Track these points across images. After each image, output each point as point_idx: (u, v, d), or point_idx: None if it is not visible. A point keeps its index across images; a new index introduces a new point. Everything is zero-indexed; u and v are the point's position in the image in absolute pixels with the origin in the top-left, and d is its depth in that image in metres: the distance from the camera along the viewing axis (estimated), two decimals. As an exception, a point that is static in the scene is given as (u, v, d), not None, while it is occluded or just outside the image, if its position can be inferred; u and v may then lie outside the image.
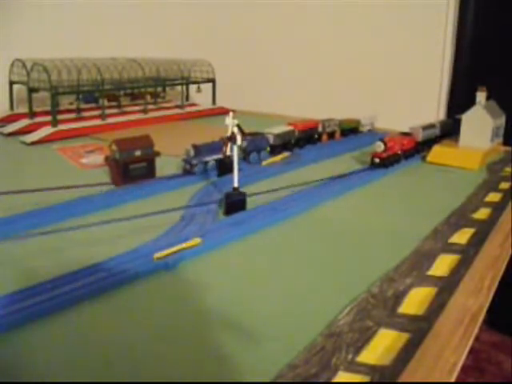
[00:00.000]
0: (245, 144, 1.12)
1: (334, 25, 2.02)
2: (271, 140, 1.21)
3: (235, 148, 0.80)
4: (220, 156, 1.02)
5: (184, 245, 0.67)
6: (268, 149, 1.20)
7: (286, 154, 1.22)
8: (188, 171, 1.03)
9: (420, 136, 1.25)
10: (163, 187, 0.95)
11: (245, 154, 1.14)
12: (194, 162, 1.02)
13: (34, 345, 0.47)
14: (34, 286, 0.56)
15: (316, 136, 1.37)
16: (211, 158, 1.04)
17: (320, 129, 1.38)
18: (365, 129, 1.56)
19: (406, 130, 1.28)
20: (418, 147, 1.26)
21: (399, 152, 1.17)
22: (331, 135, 1.43)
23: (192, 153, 1.03)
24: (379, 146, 1.11)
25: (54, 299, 0.54)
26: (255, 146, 1.16)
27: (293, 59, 2.15)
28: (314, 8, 2.04)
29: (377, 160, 1.11)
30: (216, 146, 1.04)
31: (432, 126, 1.32)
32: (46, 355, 0.46)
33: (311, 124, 1.35)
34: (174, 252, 0.65)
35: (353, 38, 1.99)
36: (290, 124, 1.31)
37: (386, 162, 1.12)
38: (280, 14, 2.15)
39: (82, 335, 0.49)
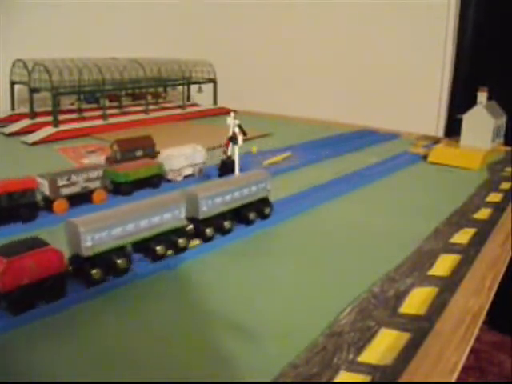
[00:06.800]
0: None
1: (336, 26, 2.02)
2: None
3: (236, 148, 0.81)
4: None
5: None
6: None
7: (287, 153, 1.21)
8: None
9: (85, 249, 0.56)
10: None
11: None
12: None
13: (34, 345, 0.47)
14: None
15: (36, 205, 0.77)
16: None
17: (47, 191, 0.78)
18: (177, 176, 0.96)
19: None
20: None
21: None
22: (86, 197, 0.82)
23: None
24: None
25: (55, 299, 0.52)
26: None
27: (294, 59, 2.15)
28: (316, 9, 2.04)
29: None
30: None
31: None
32: (46, 355, 0.46)
33: (7, 185, 0.74)
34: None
35: (355, 39, 1.99)
36: None
37: None
38: (281, 15, 2.15)
39: (83, 335, 0.49)
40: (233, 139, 0.80)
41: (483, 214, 0.85)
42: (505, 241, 0.75)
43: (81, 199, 0.82)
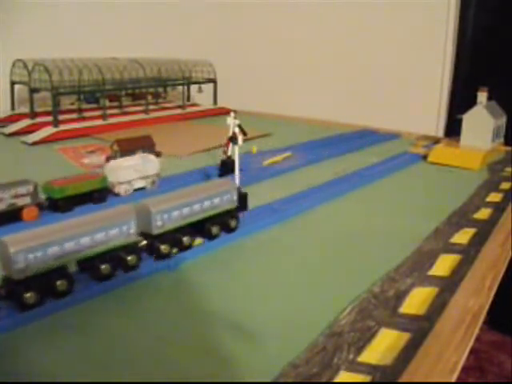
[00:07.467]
0: None
1: (336, 26, 2.02)
2: None
3: (236, 148, 0.81)
4: None
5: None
6: None
7: (287, 153, 1.21)
8: None
9: (16, 272, 0.51)
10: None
11: None
12: None
13: (34, 345, 0.47)
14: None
15: None
16: None
17: None
18: (125, 190, 0.88)
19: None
20: None
21: None
22: (15, 214, 0.75)
23: None
24: None
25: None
26: None
27: (294, 59, 2.15)
28: (316, 9, 2.04)
29: None
30: None
31: None
32: (47, 355, 0.46)
33: None
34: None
35: (355, 39, 1.99)
36: None
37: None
38: (281, 15, 2.15)
39: (84, 335, 0.49)
40: (233, 139, 0.80)
41: (483, 214, 0.85)
42: (505, 241, 0.75)
43: (8, 217, 0.74)
